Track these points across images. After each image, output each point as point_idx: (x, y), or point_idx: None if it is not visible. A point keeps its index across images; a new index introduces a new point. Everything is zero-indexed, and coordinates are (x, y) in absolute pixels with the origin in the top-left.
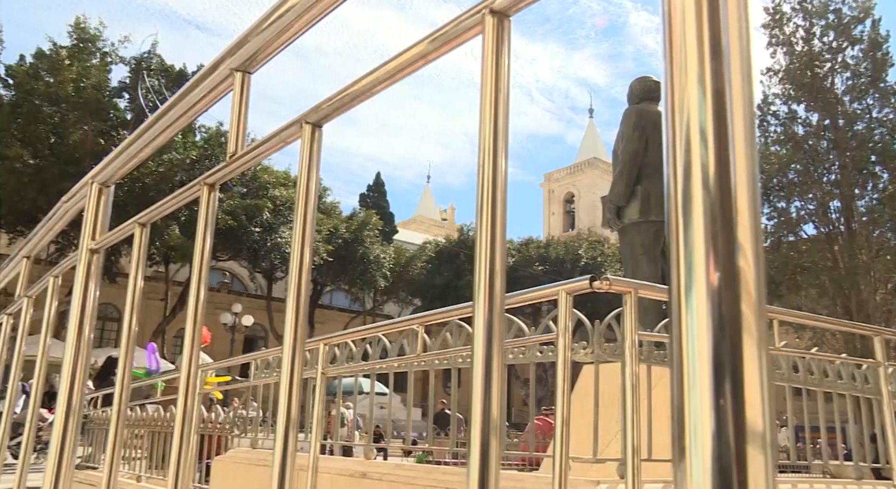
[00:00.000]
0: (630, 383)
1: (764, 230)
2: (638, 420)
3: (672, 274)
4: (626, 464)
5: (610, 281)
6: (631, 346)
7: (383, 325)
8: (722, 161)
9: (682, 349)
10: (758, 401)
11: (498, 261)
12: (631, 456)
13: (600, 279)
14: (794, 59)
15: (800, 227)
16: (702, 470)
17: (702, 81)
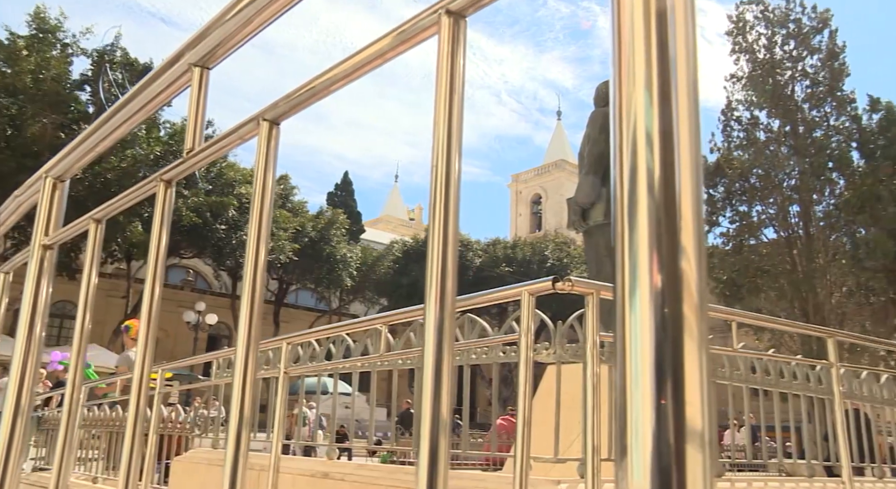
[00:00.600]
0: (591, 384)
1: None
2: (599, 420)
3: (617, 275)
4: (586, 463)
5: (572, 282)
6: (592, 347)
7: (346, 325)
8: (667, 165)
9: (626, 349)
10: (697, 400)
11: (450, 261)
12: (591, 455)
13: (563, 280)
14: (756, 66)
15: (761, 231)
16: (642, 468)
17: (649, 86)
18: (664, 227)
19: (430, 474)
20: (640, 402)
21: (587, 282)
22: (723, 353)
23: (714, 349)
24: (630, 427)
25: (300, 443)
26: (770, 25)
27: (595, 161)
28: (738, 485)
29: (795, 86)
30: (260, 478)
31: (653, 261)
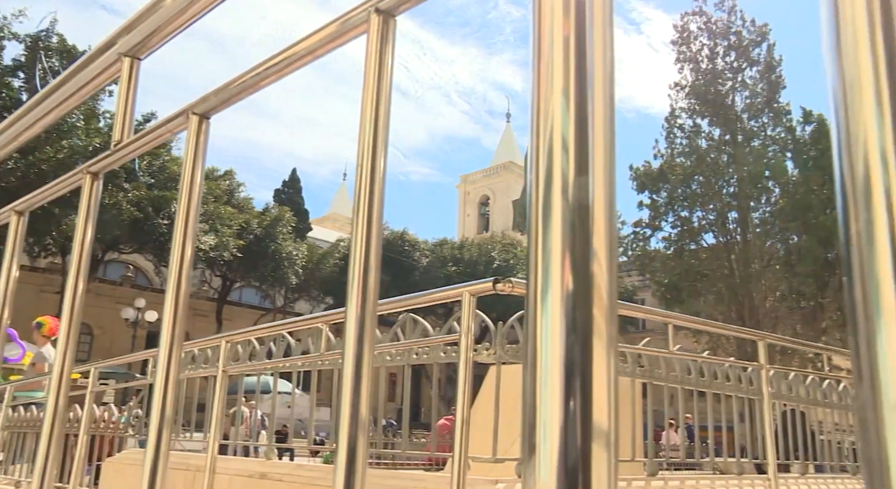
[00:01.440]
0: None
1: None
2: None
3: (529, 277)
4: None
5: (512, 283)
6: None
7: (287, 323)
8: (581, 170)
9: (536, 350)
10: (605, 401)
11: (372, 259)
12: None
13: (503, 281)
14: (699, 75)
15: (701, 236)
16: (549, 467)
17: (566, 92)
18: (577, 230)
19: (347, 473)
20: (549, 402)
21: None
22: (659, 355)
23: (650, 350)
24: (538, 426)
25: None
26: (713, 37)
27: None
28: (672, 484)
29: (735, 96)
30: (195, 479)
31: (565, 263)
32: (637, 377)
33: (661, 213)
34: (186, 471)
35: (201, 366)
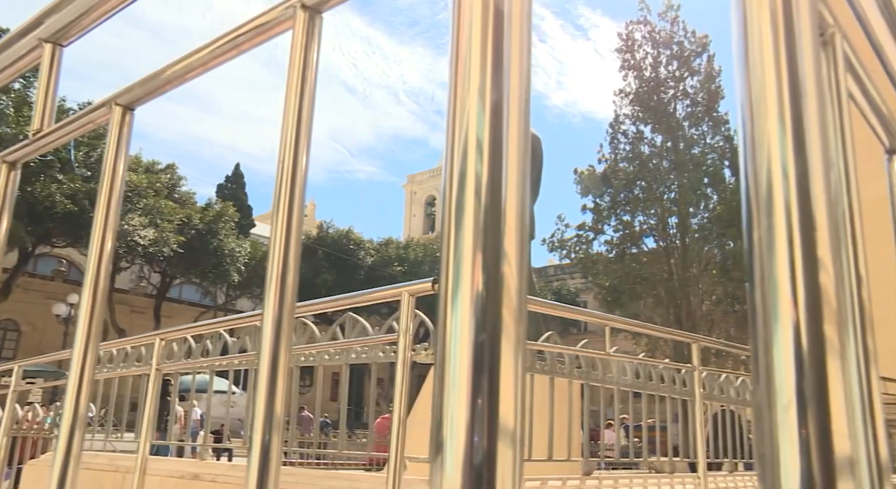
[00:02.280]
0: None
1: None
2: None
3: (441, 277)
4: None
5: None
6: None
7: (225, 321)
8: (495, 172)
9: (445, 349)
10: (511, 399)
11: (291, 258)
12: None
13: None
14: (642, 83)
15: (642, 240)
16: (455, 465)
17: (482, 95)
18: (489, 231)
19: (260, 472)
20: (457, 400)
21: None
22: (596, 356)
23: (587, 352)
24: (446, 424)
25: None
26: (656, 46)
27: None
28: (606, 483)
29: (677, 104)
30: (125, 481)
31: (476, 264)
32: (574, 378)
33: (605, 216)
34: (115, 473)
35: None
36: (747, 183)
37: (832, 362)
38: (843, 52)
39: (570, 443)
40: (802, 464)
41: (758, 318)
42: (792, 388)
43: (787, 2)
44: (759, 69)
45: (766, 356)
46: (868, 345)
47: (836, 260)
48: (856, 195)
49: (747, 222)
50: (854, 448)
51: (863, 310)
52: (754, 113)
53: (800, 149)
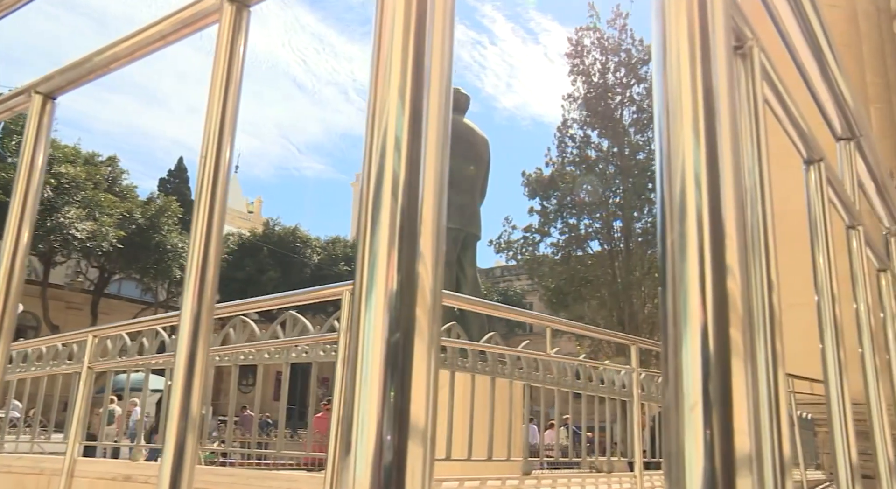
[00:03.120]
0: None
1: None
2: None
3: (355, 275)
4: None
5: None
6: None
7: (161, 318)
8: (413, 172)
9: (358, 347)
10: (423, 399)
11: (212, 253)
12: None
13: None
14: (591, 88)
15: (587, 243)
16: (364, 465)
17: (402, 94)
18: (405, 231)
19: (174, 472)
20: (368, 399)
21: None
22: (538, 357)
23: (530, 353)
24: (356, 423)
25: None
26: (604, 52)
27: None
28: (545, 482)
29: (624, 110)
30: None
31: (390, 263)
32: (516, 378)
33: (551, 219)
34: (40, 476)
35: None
36: (662, 189)
37: (737, 364)
38: (760, 65)
39: (509, 444)
40: (706, 462)
41: (668, 321)
42: (698, 389)
43: (703, 15)
44: (675, 80)
45: (674, 358)
46: (777, 347)
47: (743, 266)
48: (770, 203)
49: (661, 228)
50: (754, 446)
51: (773, 314)
52: (670, 122)
53: (712, 157)
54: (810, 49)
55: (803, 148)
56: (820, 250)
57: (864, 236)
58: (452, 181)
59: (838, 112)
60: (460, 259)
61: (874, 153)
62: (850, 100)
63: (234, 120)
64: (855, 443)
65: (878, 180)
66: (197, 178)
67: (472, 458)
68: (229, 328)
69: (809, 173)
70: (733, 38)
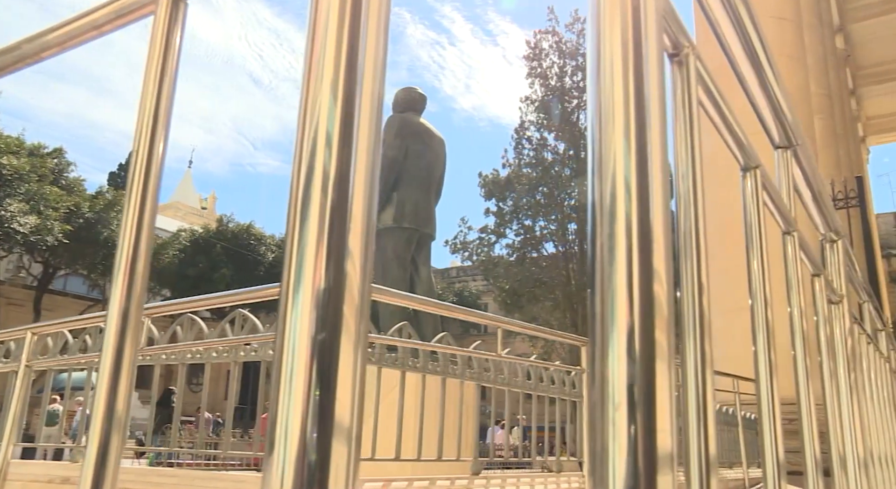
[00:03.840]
0: None
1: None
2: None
3: (283, 272)
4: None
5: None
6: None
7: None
8: (343, 169)
9: (284, 345)
10: (349, 398)
11: (143, 248)
12: None
13: None
14: (548, 91)
15: (542, 245)
16: (288, 463)
17: (335, 90)
18: (334, 228)
19: (96, 473)
20: (292, 397)
21: None
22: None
23: (481, 353)
24: (280, 422)
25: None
26: (562, 56)
27: (388, 165)
28: (494, 482)
29: (580, 113)
30: None
31: (318, 260)
32: (467, 379)
33: (507, 220)
34: None
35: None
36: (593, 193)
37: (661, 366)
38: (696, 72)
39: (459, 444)
40: (629, 460)
41: (596, 323)
42: (623, 390)
43: (637, 23)
44: (607, 86)
45: (601, 359)
46: (705, 349)
47: (669, 270)
48: (702, 208)
49: (592, 230)
50: (675, 444)
51: (702, 317)
52: (602, 127)
53: (642, 163)
54: (749, 61)
55: (740, 155)
56: (754, 255)
57: (798, 242)
58: (408, 181)
59: (776, 121)
60: (414, 259)
61: (810, 162)
62: (787, 109)
63: (169, 114)
64: (783, 440)
65: (814, 188)
66: (129, 172)
67: (421, 458)
68: (176, 325)
69: (746, 180)
70: (670, 45)
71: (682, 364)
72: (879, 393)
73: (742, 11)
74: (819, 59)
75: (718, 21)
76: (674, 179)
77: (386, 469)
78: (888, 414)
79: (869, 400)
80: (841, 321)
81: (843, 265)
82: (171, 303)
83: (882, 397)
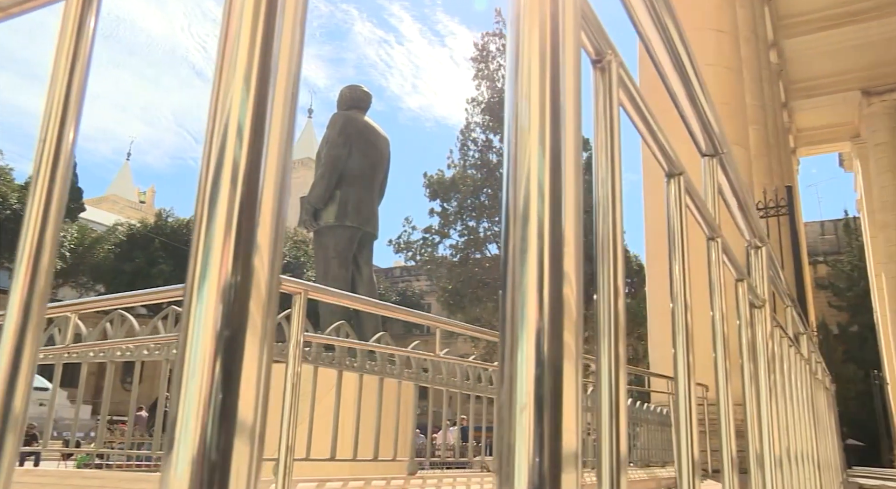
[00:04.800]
0: (291, 383)
1: (455, 246)
2: (296, 419)
3: (189, 265)
4: (279, 463)
5: (280, 280)
6: (295, 346)
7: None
8: (254, 161)
9: (187, 342)
10: (252, 396)
11: (48, 242)
12: (285, 455)
13: None
14: (494, 93)
15: (485, 246)
16: (187, 463)
17: (248, 80)
18: (242, 222)
19: None
20: (194, 395)
21: (295, 281)
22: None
23: (419, 353)
24: (180, 420)
25: None
26: None
27: (332, 163)
28: (430, 482)
29: None
30: None
31: (225, 254)
32: (405, 379)
33: (451, 221)
34: None
35: None
36: (507, 195)
37: (568, 367)
38: (619, 79)
39: (396, 444)
40: (534, 460)
41: (506, 324)
42: (531, 390)
43: (555, 29)
44: (524, 90)
45: (510, 360)
46: (619, 351)
47: (579, 273)
48: (619, 213)
49: (504, 233)
50: (580, 443)
51: (617, 320)
52: (518, 130)
53: (556, 168)
54: (678, 74)
55: (664, 162)
56: (677, 260)
57: (722, 247)
58: (351, 179)
59: (703, 130)
60: (357, 258)
61: (736, 170)
62: (713, 119)
63: (79, 105)
64: (698, 440)
65: (739, 196)
66: (34, 163)
67: (357, 458)
68: (105, 322)
69: (670, 186)
70: (592, 52)
71: (597, 365)
72: (799, 394)
73: (670, 26)
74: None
75: (648, 35)
76: (594, 185)
77: (323, 469)
78: (807, 414)
79: (789, 400)
80: (763, 325)
81: (767, 271)
82: (101, 299)
83: (801, 398)
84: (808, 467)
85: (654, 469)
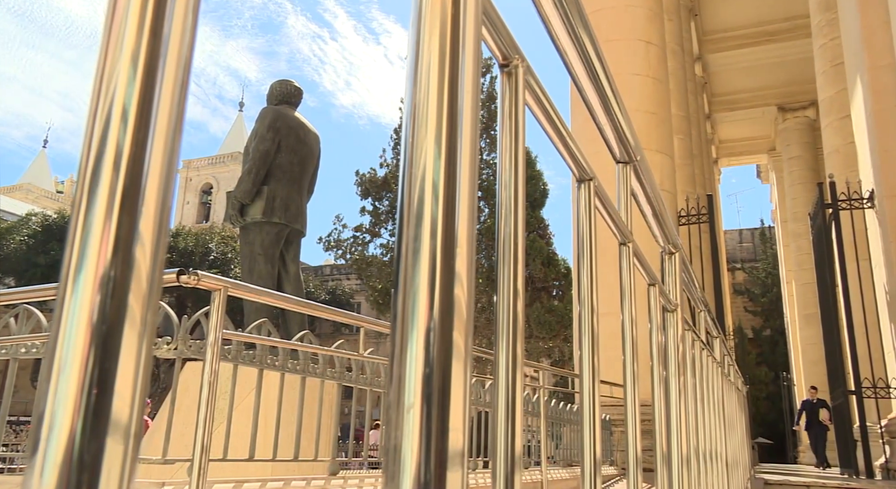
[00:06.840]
0: (208, 381)
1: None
2: (212, 418)
3: (64, 255)
4: (194, 464)
5: (199, 276)
6: (214, 344)
7: None
8: (139, 146)
9: (58, 338)
10: (129, 392)
11: None
12: (200, 455)
13: (188, 274)
14: None
15: None
16: (53, 465)
17: (135, 60)
18: (124, 210)
19: None
20: (65, 392)
21: (215, 278)
22: (352, 357)
23: (343, 353)
24: (46, 419)
25: None
26: None
27: (260, 158)
28: (351, 482)
29: None
30: None
31: (104, 243)
32: (328, 378)
33: (382, 220)
34: None
35: None
36: (402, 194)
37: (457, 367)
38: (525, 84)
39: (317, 444)
40: (421, 458)
41: (397, 322)
42: (419, 389)
43: (455, 30)
44: (423, 90)
45: (400, 358)
46: (517, 352)
47: (471, 274)
48: (521, 216)
49: (399, 231)
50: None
51: (515, 320)
52: (416, 130)
53: (451, 168)
54: (592, 83)
55: (574, 167)
56: (584, 265)
57: (633, 252)
58: (279, 175)
59: (616, 138)
60: (283, 255)
61: (650, 177)
62: (626, 127)
63: None
64: (601, 440)
65: (654, 203)
66: None
67: (277, 459)
68: (9, 317)
69: (580, 191)
70: (500, 56)
71: (494, 364)
72: (710, 395)
73: (585, 39)
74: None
75: (564, 47)
76: (497, 187)
77: (243, 470)
78: (718, 414)
79: (699, 401)
80: (675, 328)
81: (680, 276)
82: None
83: (713, 399)
84: (716, 465)
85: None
